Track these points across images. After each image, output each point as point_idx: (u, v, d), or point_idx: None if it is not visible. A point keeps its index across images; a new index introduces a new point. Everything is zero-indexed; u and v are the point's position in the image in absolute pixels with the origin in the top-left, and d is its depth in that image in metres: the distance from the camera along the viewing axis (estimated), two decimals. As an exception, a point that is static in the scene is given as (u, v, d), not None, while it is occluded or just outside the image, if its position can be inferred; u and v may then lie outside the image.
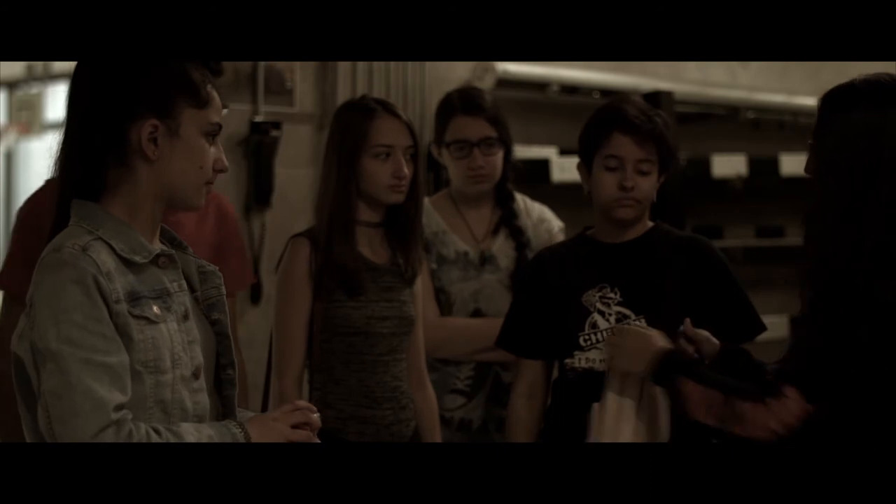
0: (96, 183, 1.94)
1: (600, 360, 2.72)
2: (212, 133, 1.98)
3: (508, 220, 3.34)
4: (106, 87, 1.92)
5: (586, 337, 2.74)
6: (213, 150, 1.99)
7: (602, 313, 2.74)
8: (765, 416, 2.20)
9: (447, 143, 3.31)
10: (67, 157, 1.96)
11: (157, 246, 1.99)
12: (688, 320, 2.64)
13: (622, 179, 2.72)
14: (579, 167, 2.84)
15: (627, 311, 2.73)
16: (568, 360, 2.76)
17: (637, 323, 2.71)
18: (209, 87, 1.98)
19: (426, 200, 3.34)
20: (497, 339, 2.94)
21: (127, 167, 1.94)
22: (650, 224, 2.83)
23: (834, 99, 2.30)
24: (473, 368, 3.24)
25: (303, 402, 2.06)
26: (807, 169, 2.34)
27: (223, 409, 2.05)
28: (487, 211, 3.36)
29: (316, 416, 2.04)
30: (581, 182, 2.84)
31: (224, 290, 2.08)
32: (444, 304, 3.29)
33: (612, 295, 2.75)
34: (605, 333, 2.73)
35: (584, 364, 2.74)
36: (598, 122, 2.79)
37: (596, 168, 2.76)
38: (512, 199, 3.37)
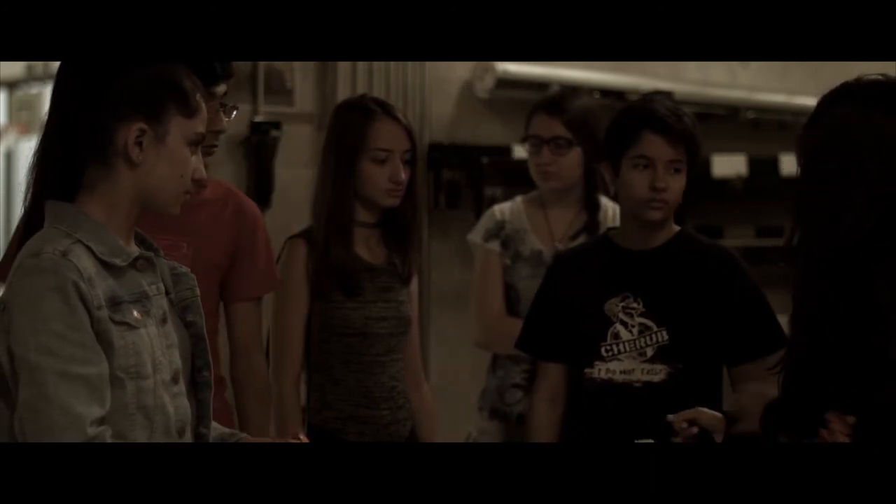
0: (72, 183, 1.91)
1: (620, 372, 2.70)
2: (196, 142, 1.96)
3: (589, 229, 3.30)
4: (96, 86, 1.89)
5: (608, 347, 2.72)
6: (194, 158, 1.96)
7: (625, 324, 2.72)
8: None
9: (525, 137, 3.34)
10: (47, 155, 1.92)
11: (134, 248, 1.95)
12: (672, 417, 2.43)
13: (654, 180, 2.66)
14: (605, 168, 2.79)
15: (650, 323, 2.70)
16: (587, 370, 2.73)
17: (659, 335, 2.69)
18: (199, 95, 1.95)
19: (517, 198, 3.39)
20: (517, 341, 2.92)
21: (108, 168, 1.90)
22: (675, 229, 2.79)
23: (826, 96, 2.33)
24: (530, 363, 3.21)
25: (294, 441, 2.04)
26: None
27: (199, 413, 2.01)
28: (571, 214, 3.33)
29: None
30: (608, 183, 2.81)
31: (198, 292, 2.04)
32: (514, 300, 3.30)
33: (634, 305, 2.71)
34: (627, 345, 2.71)
35: (603, 375, 2.72)
36: (626, 121, 2.74)
37: (625, 168, 2.70)
38: (597, 208, 3.33)
